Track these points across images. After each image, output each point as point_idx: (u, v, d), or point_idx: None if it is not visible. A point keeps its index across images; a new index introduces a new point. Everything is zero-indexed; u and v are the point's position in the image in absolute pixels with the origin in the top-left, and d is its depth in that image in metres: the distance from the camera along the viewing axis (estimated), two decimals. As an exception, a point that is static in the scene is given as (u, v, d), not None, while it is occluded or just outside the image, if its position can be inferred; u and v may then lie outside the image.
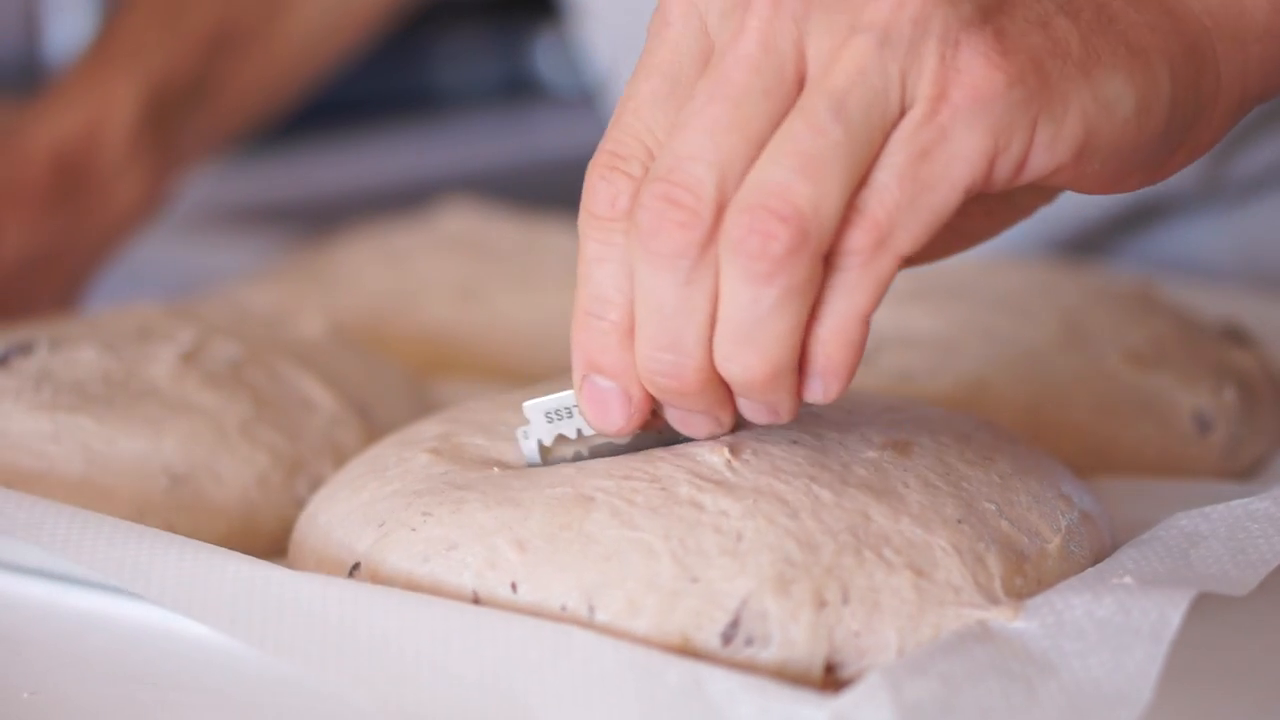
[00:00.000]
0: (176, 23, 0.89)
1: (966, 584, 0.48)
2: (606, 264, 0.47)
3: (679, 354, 0.46)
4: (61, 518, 0.52)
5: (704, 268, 0.45)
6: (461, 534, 0.50)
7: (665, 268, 0.45)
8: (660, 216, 0.45)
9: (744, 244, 0.44)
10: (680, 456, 0.50)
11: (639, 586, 0.47)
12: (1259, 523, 0.51)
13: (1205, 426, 0.66)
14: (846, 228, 0.44)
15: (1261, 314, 0.81)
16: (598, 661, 0.45)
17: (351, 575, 0.52)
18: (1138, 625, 0.45)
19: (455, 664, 0.45)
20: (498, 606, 0.48)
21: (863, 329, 0.46)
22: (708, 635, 0.47)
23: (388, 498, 0.52)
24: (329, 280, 0.89)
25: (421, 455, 0.54)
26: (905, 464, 0.51)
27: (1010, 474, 0.53)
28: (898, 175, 0.44)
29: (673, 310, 0.45)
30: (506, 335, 0.85)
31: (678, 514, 0.48)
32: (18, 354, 0.63)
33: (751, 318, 0.45)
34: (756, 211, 0.44)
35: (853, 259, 0.45)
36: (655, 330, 0.46)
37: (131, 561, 0.50)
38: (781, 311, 0.44)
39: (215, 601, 0.48)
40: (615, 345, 0.47)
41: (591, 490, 0.50)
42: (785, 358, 0.45)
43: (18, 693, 0.50)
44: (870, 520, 0.49)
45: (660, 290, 0.45)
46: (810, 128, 0.44)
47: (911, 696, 0.43)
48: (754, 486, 0.49)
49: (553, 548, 0.48)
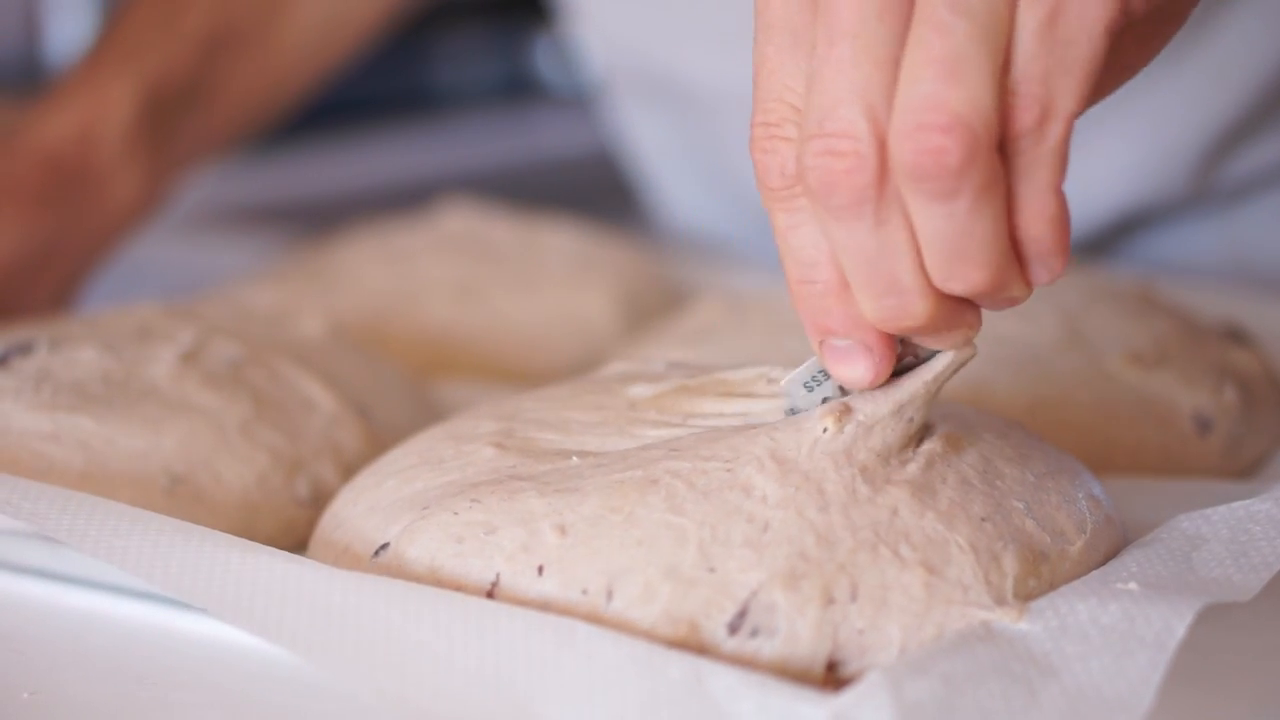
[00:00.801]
0: (173, 25, 0.90)
1: (977, 583, 0.48)
2: (799, 230, 0.47)
3: (902, 294, 0.46)
4: (68, 507, 0.52)
5: (890, 203, 0.45)
6: (505, 519, 0.50)
7: (852, 218, 0.45)
8: (827, 171, 0.44)
9: (919, 167, 0.43)
10: (789, 426, 0.50)
11: (658, 574, 0.47)
12: (1260, 525, 0.51)
13: (1205, 426, 0.66)
14: (1008, 112, 0.44)
15: (1260, 314, 0.81)
16: (599, 656, 0.45)
17: (376, 555, 0.52)
18: (1142, 633, 0.45)
19: (458, 656, 0.45)
20: (520, 589, 0.48)
21: (1059, 201, 0.45)
22: (715, 624, 0.47)
23: (441, 486, 0.52)
24: (329, 280, 0.89)
25: (486, 449, 0.54)
26: (951, 459, 0.51)
27: (1045, 473, 0.53)
28: (1038, 43, 0.44)
29: (878, 254, 0.45)
30: (506, 335, 0.85)
31: (724, 499, 0.49)
32: (17, 354, 0.63)
33: (953, 234, 0.44)
34: (918, 133, 0.43)
35: (1025, 140, 0.44)
36: (868, 279, 0.46)
37: (136, 550, 0.50)
38: (978, 217, 0.44)
39: (218, 590, 0.48)
40: (835, 304, 0.47)
41: (661, 472, 0.50)
42: (1000, 258, 0.45)
43: (18, 693, 0.50)
44: (897, 516, 0.49)
45: (857, 240, 0.45)
46: (937, 31, 0.43)
47: (912, 696, 0.43)
48: (806, 472, 0.49)
49: (594, 531, 0.49)
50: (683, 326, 0.77)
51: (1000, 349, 0.68)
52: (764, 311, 0.75)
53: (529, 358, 0.84)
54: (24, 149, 0.83)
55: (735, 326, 0.74)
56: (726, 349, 0.72)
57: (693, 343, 0.74)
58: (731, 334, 0.74)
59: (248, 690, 0.50)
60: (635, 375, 0.58)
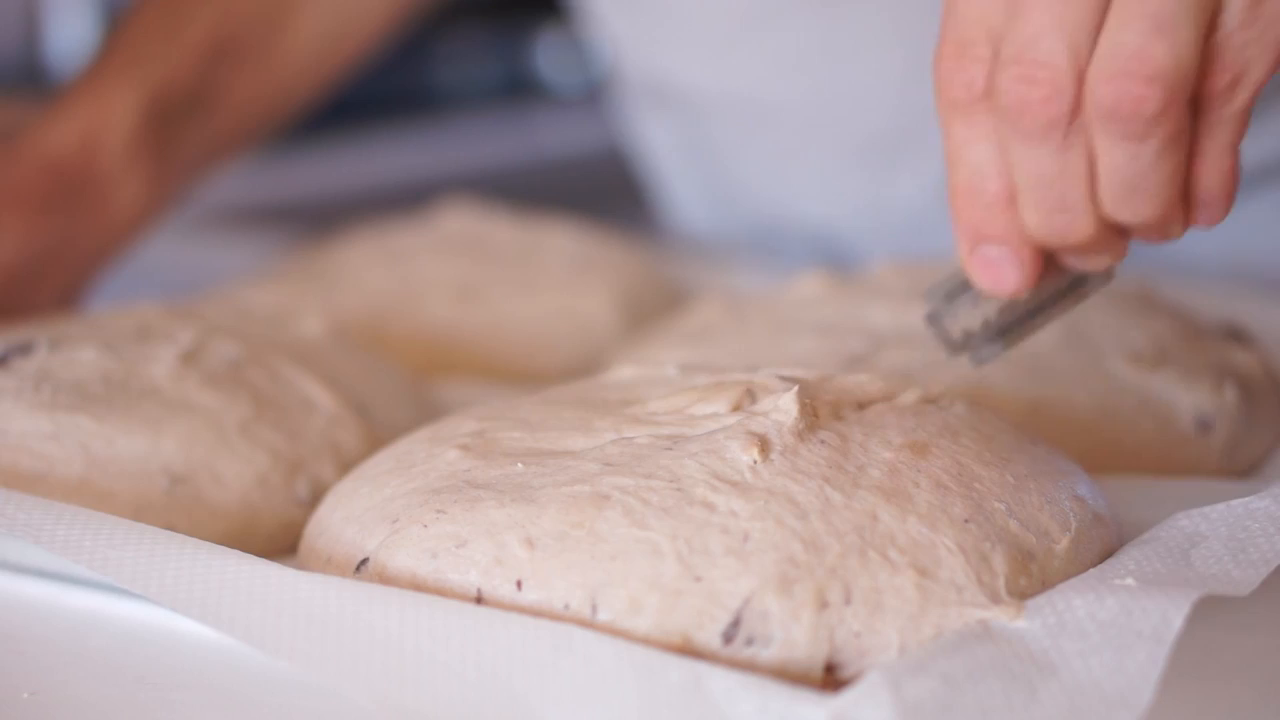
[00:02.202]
0: (176, 34, 0.90)
1: (970, 583, 0.48)
2: (977, 144, 0.50)
3: (1070, 213, 0.49)
4: (62, 519, 0.53)
5: (1076, 133, 0.48)
6: (472, 530, 0.50)
7: (1040, 141, 0.48)
8: (1025, 97, 0.48)
9: (1117, 110, 0.47)
10: (709, 455, 0.51)
11: (642, 585, 0.47)
12: (1259, 521, 0.51)
13: (1205, 426, 0.66)
14: (1206, 72, 0.48)
15: (1260, 314, 0.81)
16: (598, 661, 0.45)
17: (359, 571, 0.52)
18: (1139, 627, 0.45)
19: (456, 663, 0.46)
20: (502, 604, 0.49)
21: (1233, 158, 0.49)
22: (709, 635, 0.47)
23: (406, 495, 0.53)
24: (330, 280, 0.89)
25: (451, 451, 0.54)
26: (920, 465, 0.51)
27: (1025, 475, 0.53)
28: (1244, 15, 0.47)
29: (1056, 176, 0.49)
30: (506, 335, 0.85)
31: (689, 514, 0.49)
32: (18, 354, 0.63)
33: (1135, 171, 0.48)
34: (1123, 79, 0.47)
35: (1215, 100, 0.48)
36: (1043, 196, 0.49)
37: (131, 562, 0.50)
38: (1162, 161, 0.48)
39: (215, 602, 0.48)
40: (1000, 214, 0.50)
41: (609, 489, 0.50)
42: (1172, 198, 0.49)
43: (18, 693, 0.50)
44: (878, 521, 0.49)
45: (1040, 160, 0.49)
46: None
47: (912, 695, 0.43)
48: (768, 488, 0.49)
49: (561, 546, 0.49)
50: (682, 327, 0.77)
51: (1000, 349, 0.68)
52: (763, 312, 0.75)
53: (529, 358, 0.84)
54: (27, 156, 0.83)
55: (736, 327, 0.74)
56: (726, 349, 0.72)
57: (692, 343, 0.74)
58: (731, 334, 0.74)
59: (247, 691, 0.50)
60: (645, 379, 0.58)
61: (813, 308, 0.74)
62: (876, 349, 0.68)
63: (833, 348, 0.69)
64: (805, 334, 0.71)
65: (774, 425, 0.52)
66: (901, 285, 0.74)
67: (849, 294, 0.75)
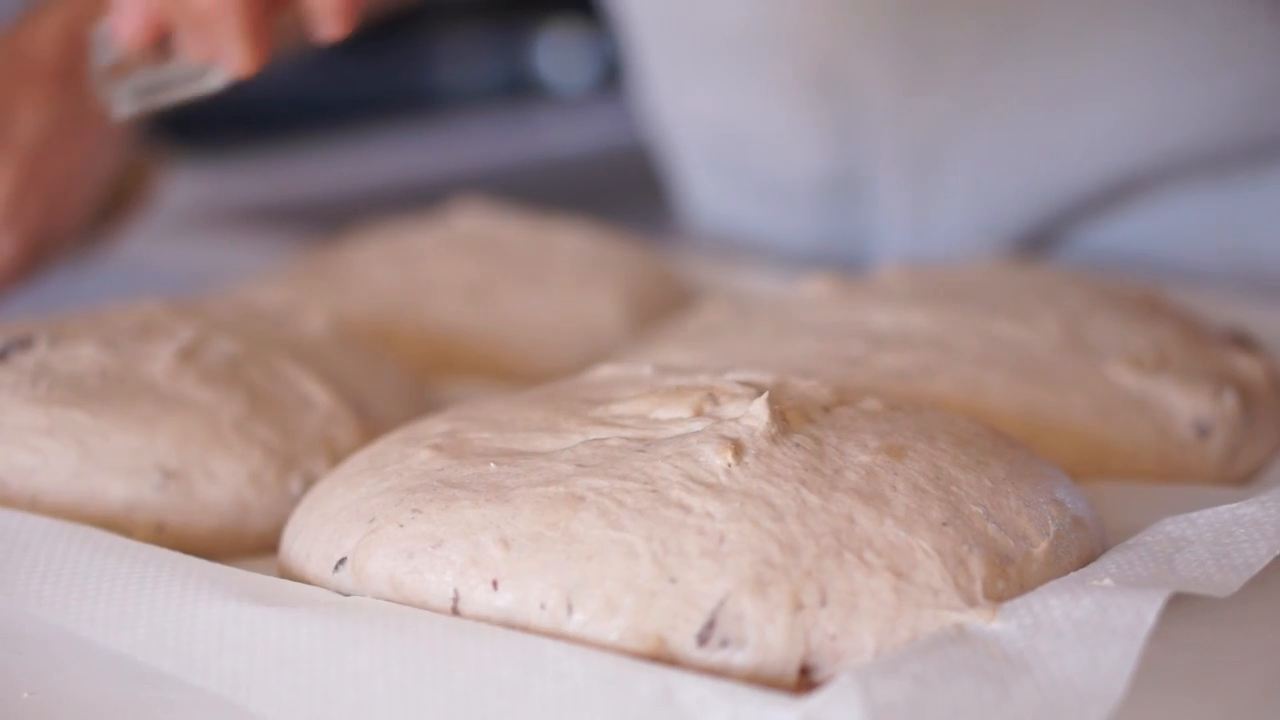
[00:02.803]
0: None
1: (946, 586, 0.48)
2: None
3: None
4: (34, 572, 0.53)
5: None
6: (448, 530, 0.50)
7: None
8: None
9: None
10: (682, 458, 0.51)
11: (617, 586, 0.47)
12: (1244, 527, 0.51)
13: (1204, 432, 0.66)
14: None
15: (1267, 320, 0.80)
16: (568, 677, 0.45)
17: (337, 570, 0.52)
18: (1114, 624, 0.45)
19: (428, 694, 0.46)
20: (478, 604, 0.49)
21: None
22: (683, 636, 0.47)
23: (381, 494, 0.53)
24: (341, 280, 0.89)
25: (423, 451, 0.54)
26: (897, 468, 0.51)
27: (1003, 478, 0.53)
28: None
29: None
30: (513, 334, 0.85)
31: (664, 516, 0.49)
32: (17, 348, 0.64)
33: None
34: None
35: None
36: None
37: (104, 617, 0.51)
38: None
39: (187, 652, 0.49)
40: None
41: (584, 490, 0.50)
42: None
43: (18, 692, 0.50)
44: (854, 523, 0.49)
45: None
46: None
47: (883, 696, 0.43)
48: (744, 490, 0.49)
49: (536, 546, 0.49)
50: (687, 327, 0.77)
51: (998, 351, 0.67)
52: (769, 313, 0.75)
53: (536, 357, 0.84)
54: (37, 30, 0.83)
55: (740, 328, 0.74)
56: (730, 350, 0.72)
57: (694, 344, 0.74)
58: (733, 335, 0.74)
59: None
60: (619, 379, 0.58)
61: (816, 310, 0.74)
62: (874, 351, 0.68)
63: (830, 350, 0.69)
64: (805, 336, 0.71)
65: (746, 430, 0.52)
66: (906, 288, 0.74)
67: (853, 297, 0.75)
